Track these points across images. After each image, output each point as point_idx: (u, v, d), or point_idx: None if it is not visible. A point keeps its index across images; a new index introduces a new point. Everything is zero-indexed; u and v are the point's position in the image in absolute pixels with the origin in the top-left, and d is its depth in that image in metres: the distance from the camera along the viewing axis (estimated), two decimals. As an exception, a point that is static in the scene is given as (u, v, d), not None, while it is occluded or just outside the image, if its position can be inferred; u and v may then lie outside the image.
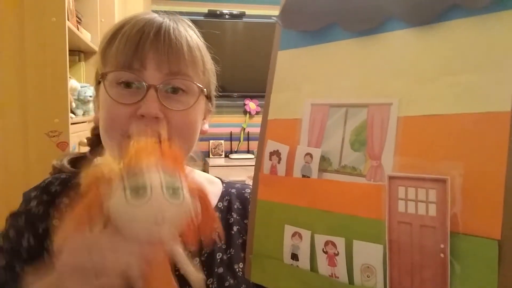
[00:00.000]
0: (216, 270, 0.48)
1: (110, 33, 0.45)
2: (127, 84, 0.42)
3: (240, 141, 2.76)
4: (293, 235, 0.35)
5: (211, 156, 2.68)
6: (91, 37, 1.43)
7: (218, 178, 0.58)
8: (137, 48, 0.42)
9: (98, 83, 0.46)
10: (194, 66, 0.44)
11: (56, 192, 0.46)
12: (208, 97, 0.48)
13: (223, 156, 2.70)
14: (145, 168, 0.28)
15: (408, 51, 0.30)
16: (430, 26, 0.29)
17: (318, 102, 0.35)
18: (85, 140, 0.54)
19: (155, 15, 0.46)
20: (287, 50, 0.38)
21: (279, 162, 0.37)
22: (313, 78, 0.36)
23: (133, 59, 0.42)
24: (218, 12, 2.65)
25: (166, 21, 0.44)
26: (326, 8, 0.35)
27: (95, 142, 0.51)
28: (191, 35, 0.45)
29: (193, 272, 0.31)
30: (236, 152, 2.73)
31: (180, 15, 0.48)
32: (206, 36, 0.49)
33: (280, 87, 0.39)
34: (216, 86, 0.50)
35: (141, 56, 0.42)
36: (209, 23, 2.54)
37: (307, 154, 0.35)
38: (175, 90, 0.43)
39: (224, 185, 0.56)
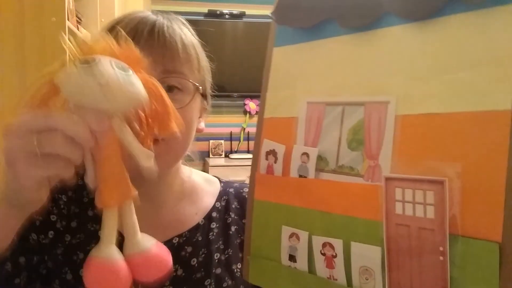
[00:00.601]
0: (214, 270, 0.48)
1: (103, 32, 0.44)
2: None
3: (240, 141, 2.76)
4: (291, 236, 0.35)
5: (211, 156, 2.68)
6: (91, 37, 1.42)
7: (216, 177, 0.57)
8: None
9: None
10: (188, 64, 0.44)
11: (56, 187, 0.46)
12: (204, 95, 0.48)
13: (223, 156, 2.70)
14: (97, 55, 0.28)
15: (405, 48, 0.30)
16: (427, 22, 0.28)
17: (314, 100, 0.34)
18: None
19: (149, 13, 0.46)
20: (282, 47, 0.37)
21: (275, 162, 0.36)
22: (308, 75, 0.35)
23: None
24: (218, 12, 2.65)
25: (160, 19, 0.44)
26: (321, 4, 0.34)
27: None
28: (185, 33, 0.45)
29: (140, 150, 0.30)
30: (236, 152, 2.73)
31: (180, 15, 0.48)
32: (206, 36, 0.49)
33: (275, 84, 0.38)
34: (211, 84, 0.50)
35: None
36: (209, 23, 2.54)
37: (304, 153, 0.34)
38: (170, 89, 0.43)
39: (222, 184, 0.56)
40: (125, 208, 0.31)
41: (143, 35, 0.42)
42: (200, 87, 0.45)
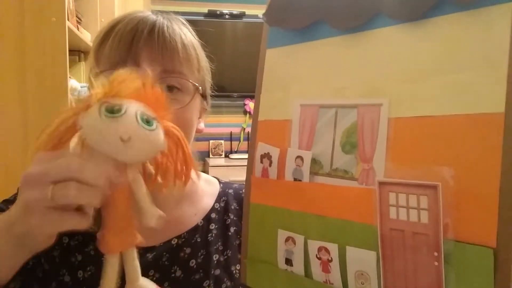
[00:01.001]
0: (212, 272, 0.47)
1: (103, 32, 0.44)
2: None
3: (240, 141, 2.75)
4: (287, 240, 0.35)
5: (211, 156, 2.68)
6: (91, 37, 1.43)
7: (216, 178, 0.57)
8: (130, 46, 0.41)
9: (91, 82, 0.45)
10: (188, 64, 0.44)
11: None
12: (203, 96, 0.48)
13: (223, 156, 2.69)
14: (124, 99, 0.28)
15: (397, 49, 0.29)
16: (419, 22, 0.28)
17: (308, 102, 0.34)
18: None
19: (149, 13, 0.45)
20: (274, 48, 0.37)
21: (270, 165, 0.36)
22: (301, 78, 0.35)
23: (127, 57, 0.41)
24: (218, 12, 2.64)
25: (160, 19, 0.44)
26: (313, 5, 0.33)
27: None
28: (185, 33, 0.45)
29: (149, 208, 0.30)
30: (236, 152, 2.72)
31: (180, 15, 0.47)
32: (206, 36, 0.48)
33: (269, 86, 0.38)
34: (211, 85, 0.50)
35: (135, 54, 0.41)
36: (209, 23, 2.53)
37: (298, 157, 0.34)
38: (170, 88, 0.43)
39: (221, 185, 0.55)
40: (128, 254, 0.31)
41: (143, 35, 0.42)
42: (200, 87, 0.45)
